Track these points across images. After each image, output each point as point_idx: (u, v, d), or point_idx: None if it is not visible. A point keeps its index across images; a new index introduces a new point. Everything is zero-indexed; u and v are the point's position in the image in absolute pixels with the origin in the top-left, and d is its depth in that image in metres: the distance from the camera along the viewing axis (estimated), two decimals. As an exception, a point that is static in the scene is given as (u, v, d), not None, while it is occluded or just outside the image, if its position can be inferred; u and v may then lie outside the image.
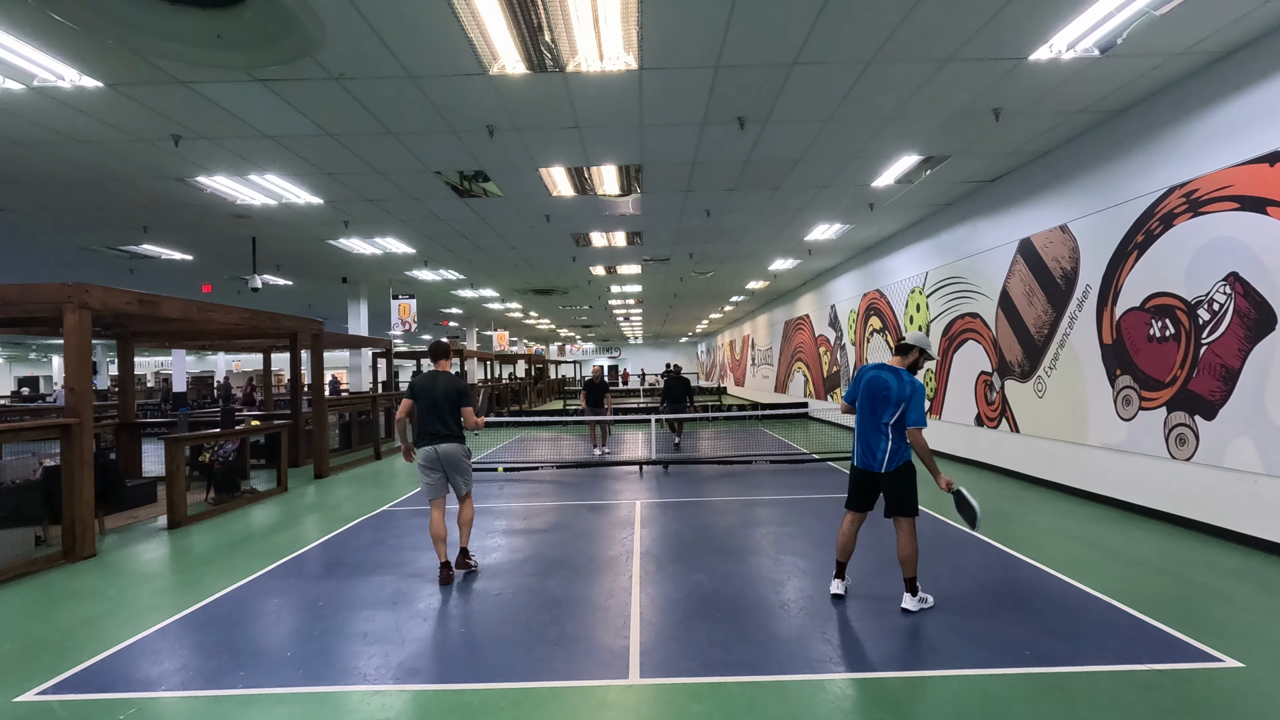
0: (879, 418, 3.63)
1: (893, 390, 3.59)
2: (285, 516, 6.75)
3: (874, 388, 3.66)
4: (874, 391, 3.65)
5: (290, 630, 3.66)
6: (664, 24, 4.24)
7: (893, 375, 3.65)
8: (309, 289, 15.27)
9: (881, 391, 3.63)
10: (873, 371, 3.72)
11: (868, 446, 3.69)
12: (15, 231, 9.19)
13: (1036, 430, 7.25)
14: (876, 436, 3.65)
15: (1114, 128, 6.01)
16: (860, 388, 3.74)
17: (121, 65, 4.56)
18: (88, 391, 5.39)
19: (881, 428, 3.63)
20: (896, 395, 3.58)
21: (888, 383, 3.62)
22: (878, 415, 3.64)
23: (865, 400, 3.70)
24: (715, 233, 10.65)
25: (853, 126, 6.10)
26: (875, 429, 3.65)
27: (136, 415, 9.93)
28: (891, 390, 3.60)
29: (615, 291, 18.04)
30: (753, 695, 2.80)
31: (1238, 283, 4.77)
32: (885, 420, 3.61)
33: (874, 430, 3.66)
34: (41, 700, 2.92)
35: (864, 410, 3.71)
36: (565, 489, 7.89)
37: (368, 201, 8.07)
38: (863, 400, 3.72)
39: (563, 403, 25.37)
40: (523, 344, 39.80)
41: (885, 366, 3.73)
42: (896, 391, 3.59)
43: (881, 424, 3.62)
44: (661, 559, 4.81)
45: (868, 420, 3.69)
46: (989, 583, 4.15)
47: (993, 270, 8.04)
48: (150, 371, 40.02)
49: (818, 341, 16.11)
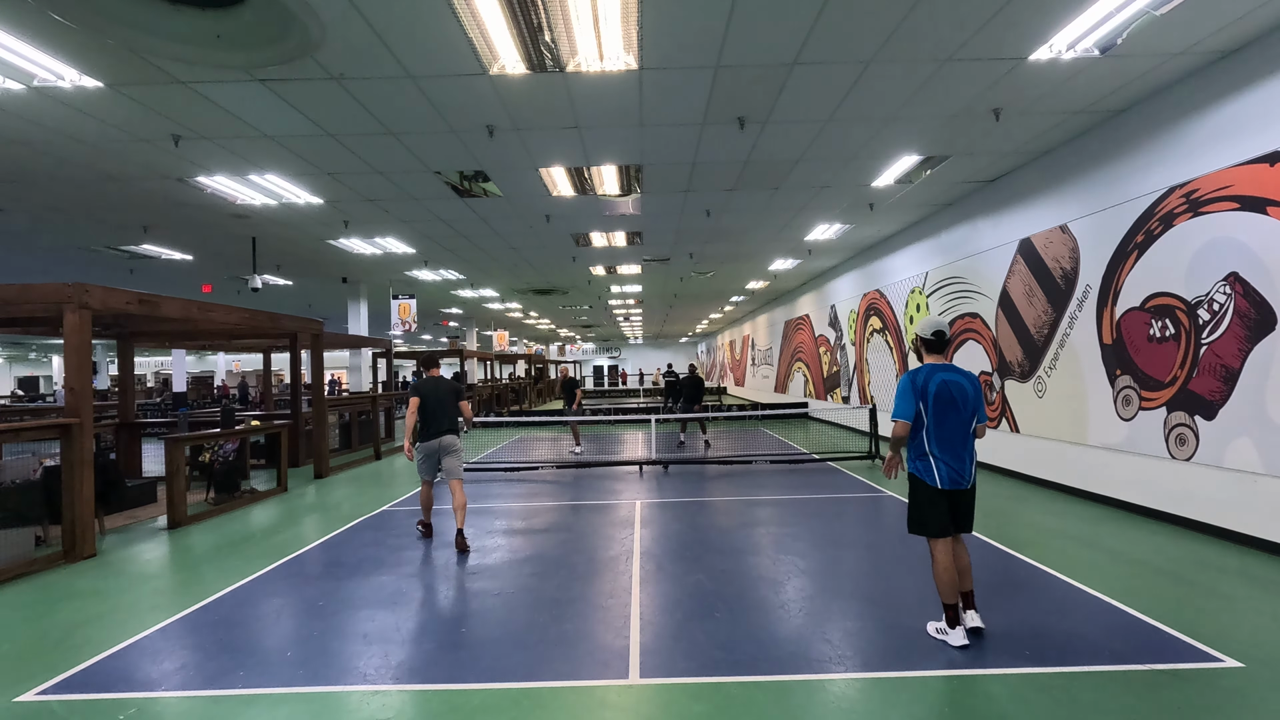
0: (968, 426, 3.26)
1: (970, 392, 3.26)
2: (285, 516, 6.75)
3: (952, 394, 3.24)
4: (954, 398, 3.24)
5: (290, 630, 3.66)
6: (664, 24, 4.24)
7: (963, 376, 3.29)
8: (309, 289, 15.27)
9: (961, 397, 3.25)
10: (941, 375, 3.28)
11: (958, 462, 3.25)
12: (15, 231, 9.19)
13: (1036, 430, 7.25)
14: (964, 449, 3.26)
15: (1114, 128, 6.01)
16: (929, 398, 3.24)
17: (121, 65, 4.56)
18: (88, 391, 5.39)
19: (970, 438, 3.27)
20: (975, 397, 3.27)
21: (963, 385, 3.26)
22: (966, 423, 3.26)
23: (942, 410, 3.23)
24: (715, 233, 10.65)
25: (853, 126, 6.10)
26: (963, 440, 3.26)
27: (136, 415, 9.93)
28: (969, 392, 3.26)
29: (615, 291, 18.04)
30: (753, 695, 2.80)
31: (1238, 283, 4.77)
32: (971, 428, 3.27)
33: (962, 442, 3.26)
34: (41, 700, 2.92)
35: (943, 422, 3.24)
36: (565, 489, 7.89)
37: (368, 201, 8.07)
38: (939, 411, 3.23)
39: (563, 403, 25.37)
40: (523, 344, 39.79)
41: (947, 367, 3.32)
42: (975, 393, 3.28)
43: (970, 434, 3.27)
44: (661, 559, 4.81)
45: (955, 432, 3.24)
46: (989, 583, 4.15)
47: (993, 270, 8.04)
48: (150, 371, 40.02)
49: (818, 341, 16.11)
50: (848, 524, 5.81)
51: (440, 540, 5.55)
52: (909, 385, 3.27)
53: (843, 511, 6.29)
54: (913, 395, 3.26)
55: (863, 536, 5.43)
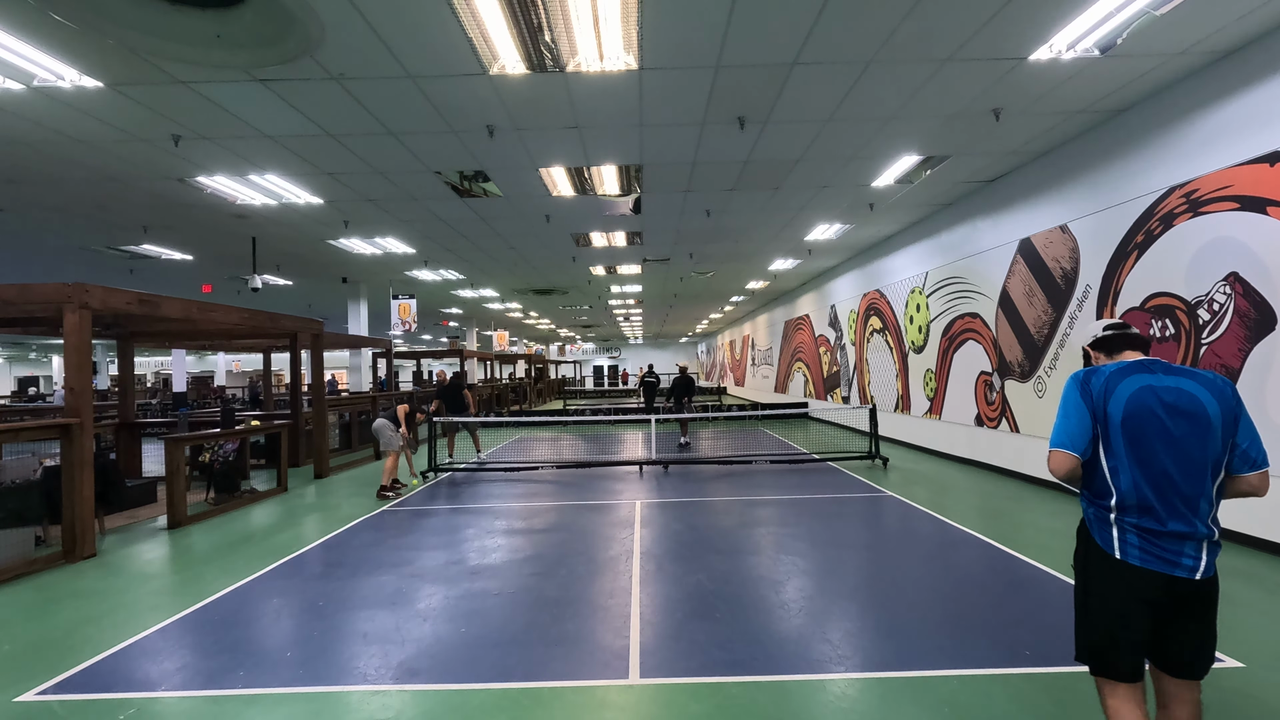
0: (1203, 468, 1.82)
1: (1208, 408, 1.82)
2: (285, 516, 6.75)
3: (1161, 411, 1.84)
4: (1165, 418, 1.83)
5: (290, 630, 3.66)
6: (664, 24, 4.24)
7: (1197, 382, 1.87)
8: (309, 289, 15.27)
9: (1191, 414, 1.82)
10: (1142, 379, 1.89)
11: (1168, 529, 1.82)
12: (15, 231, 9.19)
13: (1037, 430, 7.25)
14: (1190, 508, 1.81)
15: (1114, 128, 6.01)
16: (1116, 415, 1.88)
17: (121, 65, 4.56)
18: (88, 391, 5.39)
19: (1207, 489, 1.82)
20: (1223, 415, 1.82)
21: (1194, 396, 1.84)
22: (1199, 463, 1.81)
23: (1143, 437, 1.85)
24: (715, 233, 10.65)
25: (853, 126, 6.10)
26: (1195, 491, 1.81)
27: (136, 415, 9.93)
28: (1205, 409, 1.82)
29: (615, 291, 18.04)
30: (753, 695, 2.80)
31: (1238, 283, 4.77)
32: (1214, 472, 1.83)
33: (1188, 495, 1.81)
34: (41, 700, 2.92)
35: (1145, 456, 1.84)
36: (565, 489, 7.89)
37: (368, 201, 8.07)
38: (1135, 437, 1.86)
39: (563, 403, 25.39)
40: (523, 344, 39.79)
41: (1153, 365, 1.93)
42: (1223, 409, 1.83)
43: (1208, 484, 1.82)
44: (661, 559, 4.81)
45: (1170, 476, 1.82)
46: (989, 583, 4.15)
47: (993, 270, 8.04)
48: (150, 371, 40.02)
49: (818, 341, 16.11)
50: (848, 524, 5.81)
51: (440, 540, 5.55)
52: (1074, 391, 1.96)
53: (843, 511, 6.29)
54: (1076, 413, 1.94)
55: (863, 536, 5.43)
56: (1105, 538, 1.92)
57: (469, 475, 9.09)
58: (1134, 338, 2.04)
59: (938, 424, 9.68)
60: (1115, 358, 2.04)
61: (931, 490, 7.21)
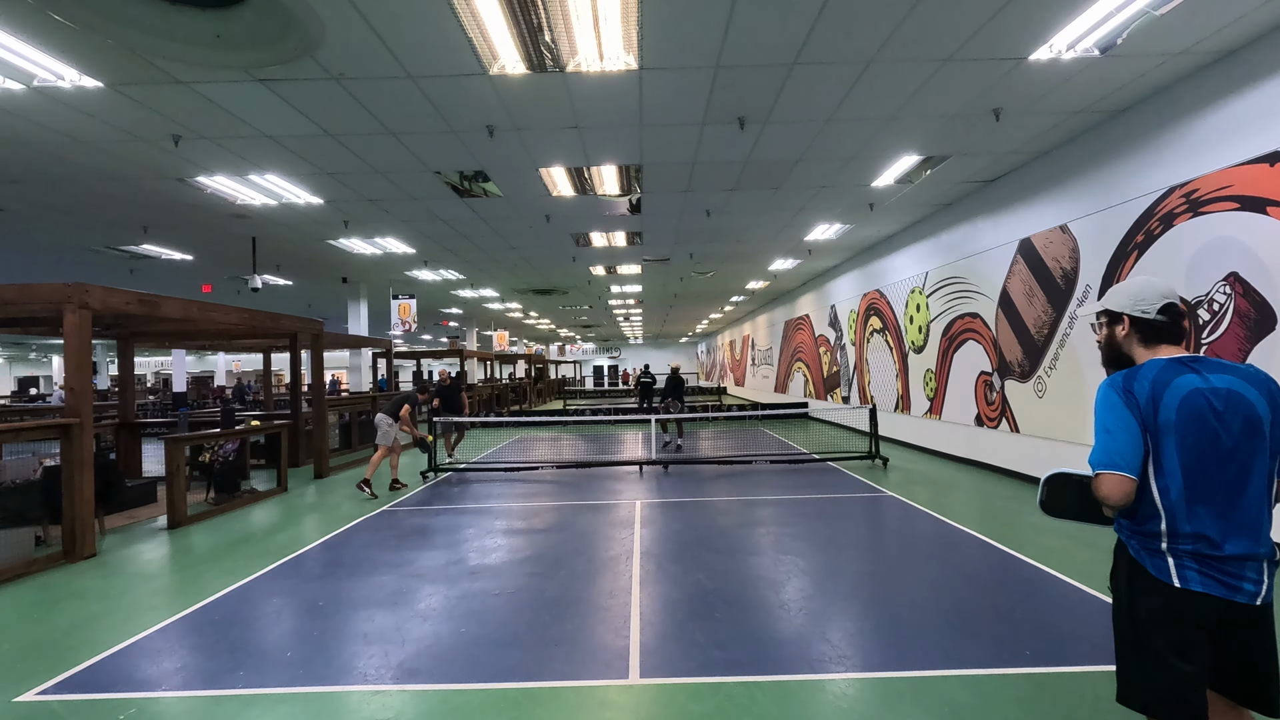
0: (1268, 479, 1.63)
1: (1264, 414, 1.61)
2: (285, 516, 6.75)
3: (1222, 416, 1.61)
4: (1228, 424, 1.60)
5: (290, 630, 3.66)
6: (664, 24, 4.24)
7: (1249, 380, 1.64)
8: (309, 289, 15.27)
9: (1250, 419, 1.61)
10: (1191, 380, 1.64)
11: (1226, 552, 1.60)
12: (15, 231, 9.19)
13: (1036, 430, 7.25)
14: (1251, 527, 1.61)
15: (1114, 128, 6.01)
16: (1170, 424, 1.62)
17: (121, 65, 4.56)
18: (88, 391, 5.39)
19: (1267, 503, 1.63)
20: (1274, 420, 1.61)
21: (1249, 400, 1.61)
22: (1264, 474, 1.62)
23: (1204, 447, 1.61)
24: (715, 233, 10.64)
25: (853, 126, 6.10)
26: (1256, 506, 1.61)
27: (136, 415, 9.93)
28: (1264, 414, 1.61)
29: (615, 291, 18.04)
30: (753, 695, 2.80)
31: (1238, 283, 4.77)
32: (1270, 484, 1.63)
33: (1247, 512, 1.61)
34: (41, 700, 2.92)
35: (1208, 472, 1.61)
36: (565, 489, 7.89)
37: (368, 201, 8.07)
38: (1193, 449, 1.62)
39: (563, 403, 25.39)
40: (523, 344, 39.80)
41: (1205, 361, 1.67)
42: (1272, 413, 1.62)
43: (1266, 497, 1.63)
44: (661, 559, 4.81)
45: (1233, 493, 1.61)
46: (989, 583, 4.16)
47: (993, 270, 8.04)
48: (150, 371, 40.02)
49: (818, 341, 16.11)
50: (848, 524, 5.81)
51: (440, 540, 5.55)
52: (1116, 399, 1.68)
53: (843, 511, 6.29)
54: (1129, 420, 1.65)
55: (863, 536, 5.44)
56: (1159, 566, 1.67)
57: (466, 475, 9.08)
58: (1181, 331, 1.75)
59: (938, 424, 9.68)
60: (1153, 349, 1.74)
61: (931, 490, 7.21)
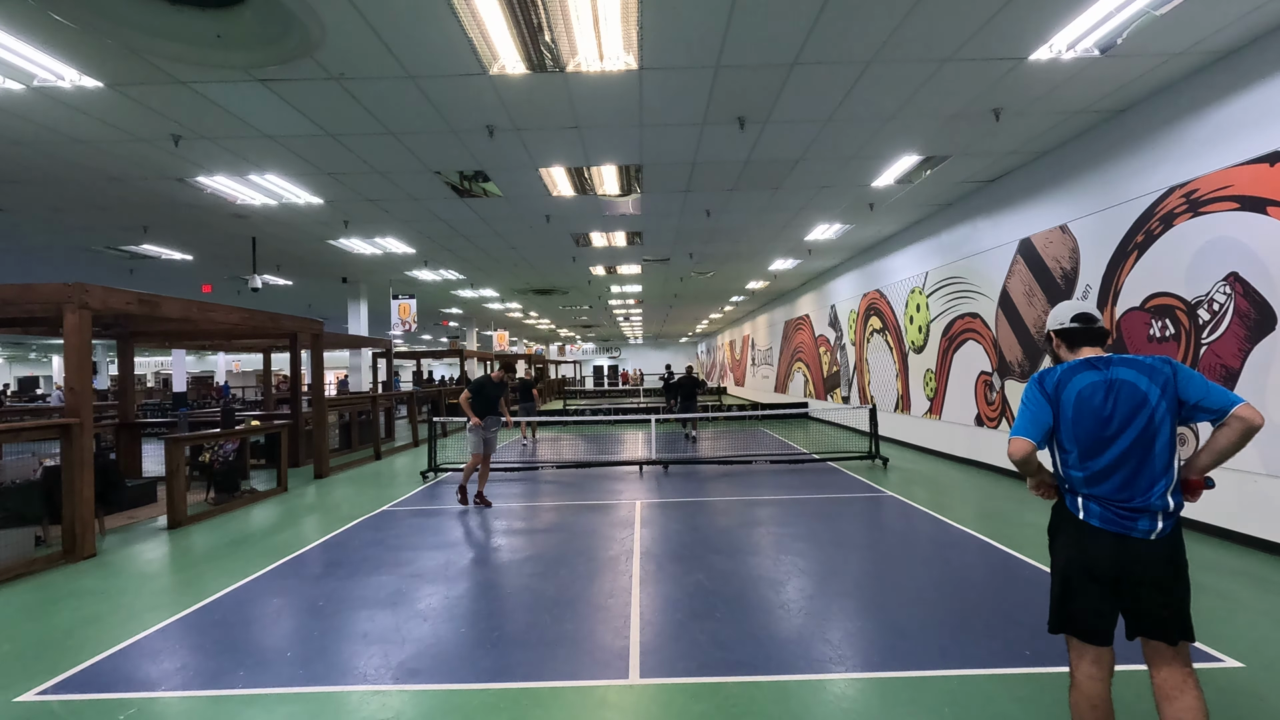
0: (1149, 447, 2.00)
1: (1151, 392, 2.01)
2: (285, 516, 6.75)
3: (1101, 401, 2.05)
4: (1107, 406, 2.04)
5: (290, 630, 3.66)
6: (664, 24, 4.24)
7: (1139, 370, 2.05)
8: (309, 289, 15.26)
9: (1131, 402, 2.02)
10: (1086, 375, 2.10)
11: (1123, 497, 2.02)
12: (15, 231, 9.18)
13: (1036, 430, 7.24)
14: (1143, 490, 2.00)
15: (1114, 128, 6.00)
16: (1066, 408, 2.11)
17: (121, 65, 4.56)
18: (88, 391, 5.39)
19: (1157, 469, 2.00)
20: (1163, 393, 2.00)
21: (1136, 385, 2.03)
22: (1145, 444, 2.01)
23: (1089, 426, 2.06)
24: (715, 233, 10.64)
25: (853, 126, 6.10)
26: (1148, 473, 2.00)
27: (136, 415, 9.93)
28: (1150, 393, 2.01)
29: (615, 291, 18.03)
30: (753, 695, 2.80)
31: (1238, 283, 4.77)
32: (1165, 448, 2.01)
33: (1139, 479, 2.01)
34: (41, 700, 2.92)
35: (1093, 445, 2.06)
36: (565, 489, 7.89)
37: (368, 201, 8.07)
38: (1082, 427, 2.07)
39: (563, 403, 25.38)
40: (523, 344, 39.79)
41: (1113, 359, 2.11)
42: (1160, 387, 2.01)
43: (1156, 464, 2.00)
44: (661, 559, 4.81)
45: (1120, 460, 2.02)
46: (989, 583, 4.15)
47: (993, 270, 8.04)
48: (150, 371, 40.01)
49: (818, 341, 16.11)
50: (848, 524, 5.81)
51: (439, 540, 5.55)
52: (1034, 388, 2.19)
53: (843, 511, 6.29)
54: (1035, 409, 2.15)
55: (863, 536, 5.43)
56: (1072, 504, 2.14)
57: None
58: (1096, 332, 2.18)
59: (938, 424, 9.68)
60: (1075, 351, 2.20)
61: (931, 490, 7.21)
